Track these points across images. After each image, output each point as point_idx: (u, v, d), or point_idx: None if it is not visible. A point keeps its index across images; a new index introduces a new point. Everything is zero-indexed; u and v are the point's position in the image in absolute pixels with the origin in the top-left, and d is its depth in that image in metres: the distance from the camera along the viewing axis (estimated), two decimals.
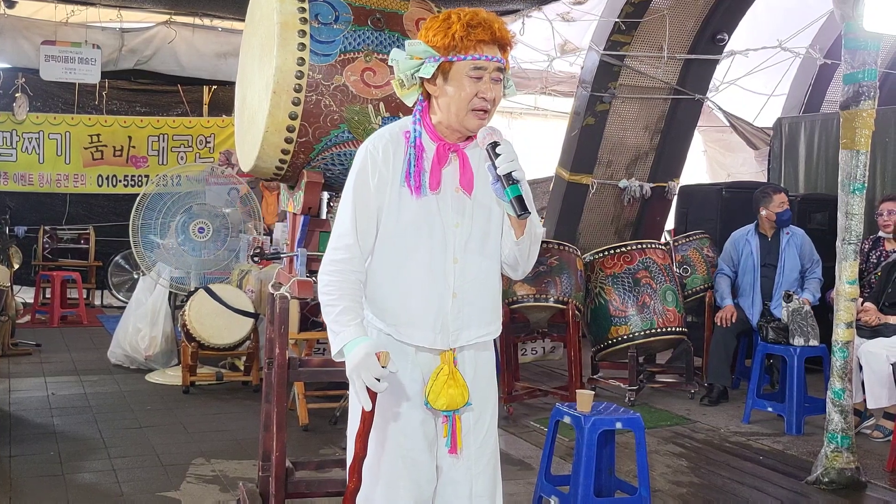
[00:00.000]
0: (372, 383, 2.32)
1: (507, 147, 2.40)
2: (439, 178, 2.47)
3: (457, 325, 2.52)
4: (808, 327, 5.95)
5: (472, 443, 2.59)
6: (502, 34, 2.44)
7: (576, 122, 9.26)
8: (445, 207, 2.49)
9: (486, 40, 2.41)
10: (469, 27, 2.40)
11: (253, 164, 3.51)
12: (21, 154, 11.35)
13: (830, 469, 4.72)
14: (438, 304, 2.50)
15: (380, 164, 2.46)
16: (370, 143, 2.51)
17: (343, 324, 2.42)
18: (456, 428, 2.51)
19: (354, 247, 2.48)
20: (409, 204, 2.47)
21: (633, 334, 6.47)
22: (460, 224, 2.49)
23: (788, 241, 6.64)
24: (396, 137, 2.51)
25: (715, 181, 11.24)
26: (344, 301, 2.45)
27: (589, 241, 9.15)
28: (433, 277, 2.49)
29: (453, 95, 2.44)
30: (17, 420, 5.75)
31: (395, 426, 2.49)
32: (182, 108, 12.21)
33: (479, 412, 2.61)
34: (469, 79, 2.42)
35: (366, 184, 2.47)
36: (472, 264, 2.52)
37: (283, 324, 3.47)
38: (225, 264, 7.32)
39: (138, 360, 7.35)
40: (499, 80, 2.46)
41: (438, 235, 2.48)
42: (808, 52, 9.77)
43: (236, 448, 5.21)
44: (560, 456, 4.90)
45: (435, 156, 2.48)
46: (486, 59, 2.41)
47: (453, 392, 2.48)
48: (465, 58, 2.41)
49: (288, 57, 3.26)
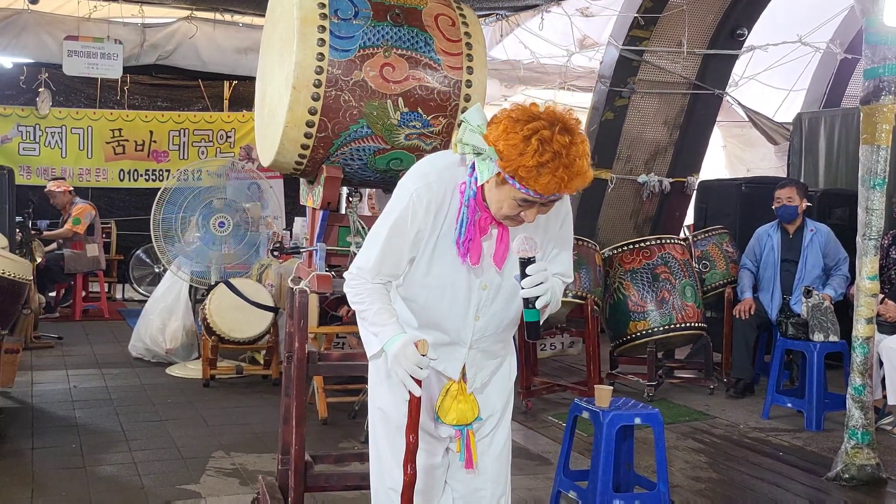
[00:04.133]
0: (413, 370, 2.34)
1: (537, 269, 2.29)
2: (480, 250, 2.39)
3: (472, 372, 2.56)
4: (828, 323, 5.92)
5: (484, 441, 2.63)
6: (577, 185, 2.20)
7: (594, 117, 9.24)
8: (478, 272, 2.44)
9: (549, 193, 2.19)
10: (538, 167, 2.15)
11: (273, 158, 3.53)
12: (44, 148, 11.45)
13: (850, 465, 4.70)
14: (450, 349, 2.53)
15: (420, 218, 2.37)
16: (414, 189, 2.38)
17: (380, 323, 2.44)
18: (470, 443, 2.52)
19: (375, 279, 2.49)
20: (442, 259, 2.43)
21: (651, 330, 6.46)
22: (488, 287, 2.46)
23: (812, 239, 6.59)
24: (444, 185, 2.38)
25: (734, 176, 11.18)
26: (376, 303, 2.47)
27: (608, 236, 9.14)
28: (448, 328, 2.51)
29: (494, 201, 2.31)
30: (39, 412, 5.81)
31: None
32: (203, 103, 12.27)
33: (496, 419, 2.65)
34: (514, 202, 2.26)
35: (403, 232, 2.40)
36: (495, 321, 2.53)
37: (302, 318, 3.49)
38: (245, 259, 7.36)
39: (159, 353, 7.40)
40: (551, 203, 2.30)
41: (463, 293, 2.47)
42: (828, 46, 9.72)
43: (256, 441, 5.24)
44: (578, 451, 4.91)
45: (477, 227, 2.37)
46: (541, 196, 2.22)
47: (463, 407, 2.50)
48: (519, 188, 2.20)
49: (307, 52, 3.27)
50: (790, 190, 6.64)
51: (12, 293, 4.92)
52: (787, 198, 6.60)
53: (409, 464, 2.42)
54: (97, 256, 9.72)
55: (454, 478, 2.65)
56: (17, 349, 5.87)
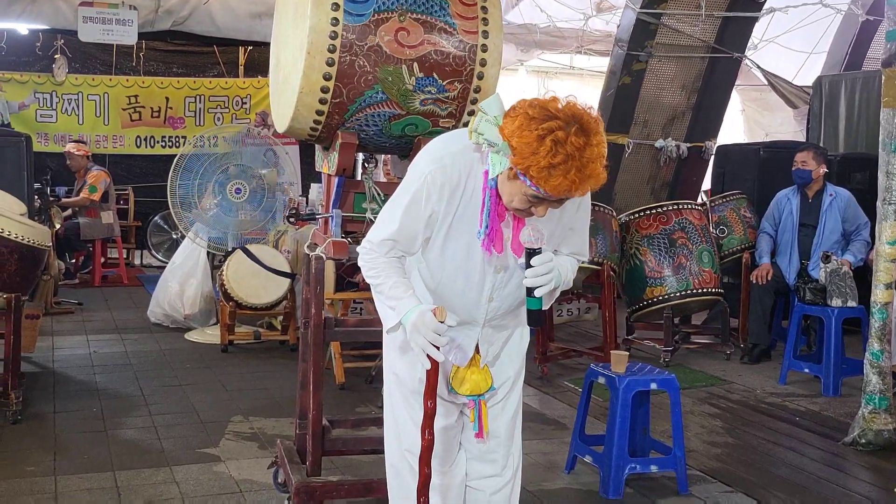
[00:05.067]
0: (432, 338, 2.35)
1: (542, 260, 2.30)
2: (503, 238, 2.38)
3: (484, 348, 2.58)
4: (846, 288, 5.89)
5: (497, 406, 2.68)
6: (586, 189, 2.19)
7: (612, 82, 9.16)
8: (493, 256, 2.43)
9: (559, 195, 2.18)
10: (550, 168, 2.13)
11: (288, 124, 3.52)
12: (61, 115, 11.47)
13: (868, 430, 4.70)
14: (465, 328, 2.54)
15: (434, 200, 2.37)
16: (429, 170, 2.37)
17: (397, 297, 2.45)
18: (482, 413, 2.54)
19: (390, 253, 2.50)
20: (457, 241, 2.43)
21: (668, 295, 6.45)
22: (502, 271, 2.46)
23: (831, 203, 6.55)
24: (458, 167, 2.36)
25: (753, 141, 11.10)
26: (392, 277, 2.48)
27: (624, 201, 9.09)
28: (463, 310, 2.52)
29: (506, 193, 2.30)
30: (60, 377, 5.87)
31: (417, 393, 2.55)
32: (218, 69, 12.25)
33: (509, 384, 2.68)
34: (525, 197, 2.25)
35: (417, 214, 2.40)
36: (508, 302, 2.54)
37: (318, 284, 3.50)
38: (261, 225, 7.38)
39: (177, 319, 7.46)
40: (562, 202, 2.28)
41: (478, 276, 2.47)
42: (849, 8, 9.57)
43: (274, 406, 5.29)
44: (594, 416, 4.92)
45: (495, 213, 2.36)
46: (551, 197, 2.21)
47: (476, 378, 2.52)
48: (530, 186, 2.19)
49: (322, 17, 3.26)
50: (806, 154, 6.60)
51: (32, 259, 4.95)
52: (801, 161, 6.56)
53: (426, 429, 2.44)
54: (111, 223, 9.77)
55: (467, 439, 2.70)
56: (38, 314, 5.93)
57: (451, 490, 2.68)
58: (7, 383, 4.82)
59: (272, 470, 3.90)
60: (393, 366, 2.65)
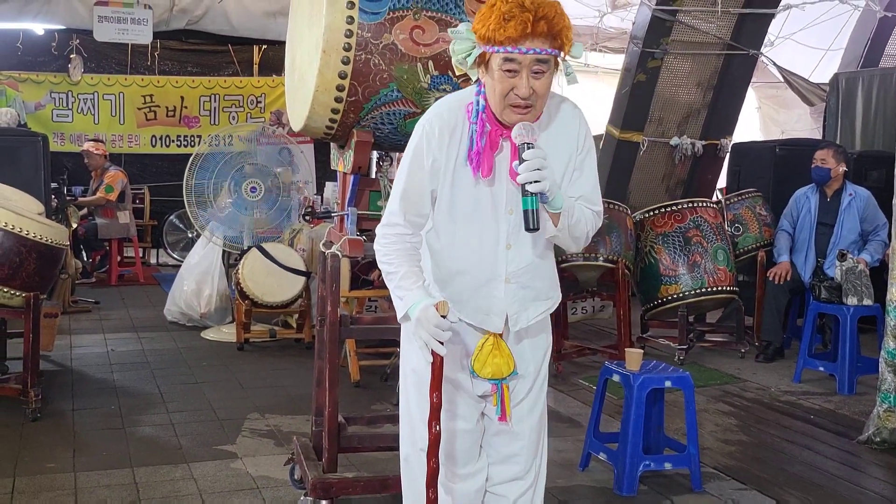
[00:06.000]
0: (434, 332, 2.35)
1: (534, 154, 2.28)
2: (492, 163, 2.41)
3: (515, 309, 2.53)
4: (861, 286, 5.87)
5: (523, 404, 2.65)
6: (543, 27, 2.24)
7: (627, 79, 9.14)
8: (500, 194, 2.45)
9: (517, 35, 2.24)
10: (503, 19, 2.24)
11: (303, 123, 3.54)
12: (77, 115, 11.55)
13: (883, 429, 4.69)
14: (488, 289, 2.51)
15: (434, 146, 2.42)
16: (427, 121, 2.46)
17: (405, 288, 2.45)
18: (504, 396, 2.53)
19: (403, 226, 2.50)
20: (463, 188, 2.45)
21: (683, 293, 6.44)
22: (514, 211, 2.43)
23: (850, 203, 6.51)
24: (455, 115, 2.44)
25: (769, 138, 11.05)
26: (403, 266, 2.48)
27: (639, 199, 9.08)
28: (483, 263, 2.50)
29: (490, 88, 2.36)
30: (78, 375, 5.92)
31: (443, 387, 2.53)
32: (233, 68, 12.30)
33: (532, 382, 2.66)
34: (502, 73, 2.29)
35: (420, 165, 2.45)
36: (527, 249, 2.51)
37: (334, 282, 3.52)
38: (277, 223, 7.41)
39: (194, 317, 7.50)
40: (542, 71, 2.30)
41: (491, 221, 2.47)
42: (867, 4, 9.53)
43: (290, 403, 5.31)
44: (609, 414, 4.93)
45: (487, 142, 2.40)
46: (520, 51, 2.25)
47: (499, 361, 2.50)
48: (499, 50, 2.27)
49: (337, 15, 3.27)
50: (825, 152, 6.57)
51: (49, 258, 4.99)
52: (820, 160, 6.54)
53: (433, 422, 2.44)
54: (128, 223, 9.83)
55: (489, 444, 2.67)
56: (56, 313, 5.97)
57: (468, 496, 2.64)
58: (26, 381, 4.86)
59: (289, 466, 3.93)
60: (411, 361, 2.63)
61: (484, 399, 2.61)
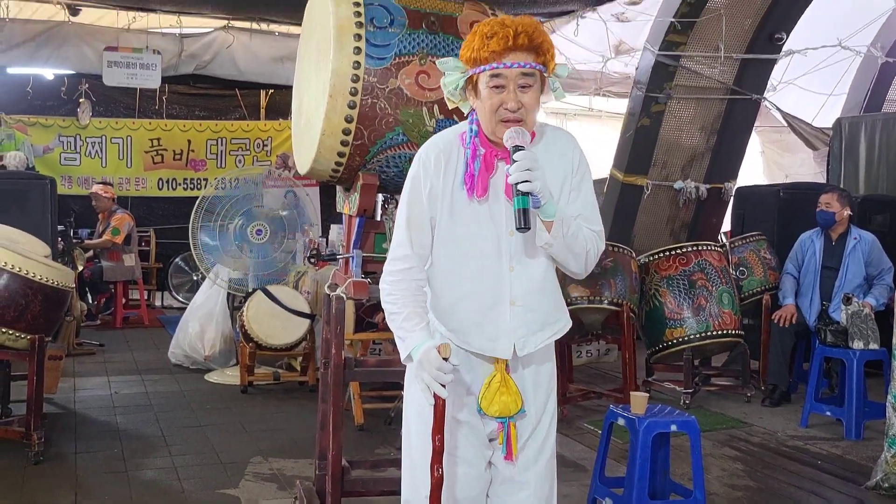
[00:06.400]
0: (436, 375, 2.34)
1: (525, 155, 2.33)
2: (486, 184, 2.46)
3: (522, 332, 2.51)
4: (867, 330, 5.85)
5: (530, 447, 2.59)
6: (524, 40, 2.35)
7: (630, 123, 9.20)
8: (499, 215, 2.48)
9: (500, 50, 2.35)
10: (486, 38, 2.36)
11: (310, 166, 3.57)
12: (85, 158, 11.61)
13: (891, 474, 4.64)
14: (494, 313, 2.50)
15: (431, 173, 2.48)
16: (423, 150, 2.53)
17: (408, 329, 2.46)
18: (511, 435, 2.50)
19: (412, 257, 2.51)
20: (462, 212, 2.48)
21: (688, 337, 6.42)
22: (514, 232, 2.43)
23: (855, 247, 6.51)
24: (450, 143, 2.51)
25: (772, 182, 11.08)
26: (407, 307, 2.49)
27: (644, 242, 9.09)
28: (487, 286, 2.50)
29: (481, 109, 2.44)
30: (82, 418, 5.90)
31: (446, 429, 2.50)
32: (240, 112, 12.39)
33: (539, 418, 2.60)
34: (490, 89, 2.39)
35: (418, 193, 2.49)
36: (531, 270, 2.52)
37: (339, 324, 3.52)
38: (282, 266, 7.42)
39: (198, 360, 7.49)
40: (528, 85, 2.39)
41: (492, 244, 2.49)
42: (868, 50, 9.60)
43: (293, 447, 5.28)
44: (614, 458, 4.89)
45: (482, 164, 2.46)
46: (504, 66, 2.36)
47: (506, 399, 2.48)
48: (485, 68, 2.38)
49: (344, 61, 3.31)
50: (830, 196, 6.59)
51: (55, 300, 5.00)
52: (825, 203, 6.55)
53: (436, 465, 2.41)
54: (133, 266, 9.86)
55: (496, 493, 2.61)
56: (61, 356, 5.98)
57: None
58: (29, 424, 4.85)
59: None
60: (412, 400, 2.60)
61: (491, 445, 2.56)
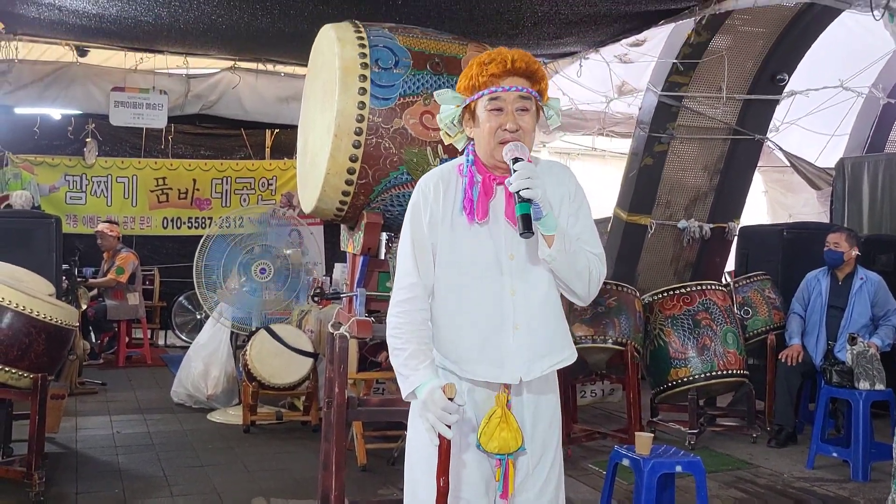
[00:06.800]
0: (441, 416, 2.34)
1: (525, 165, 2.40)
2: (486, 208, 2.50)
3: (526, 357, 2.50)
4: (873, 371, 5.82)
5: (530, 487, 2.55)
6: (521, 65, 2.46)
7: (634, 163, 9.24)
8: (499, 239, 2.50)
9: (499, 73, 2.45)
10: (483, 65, 2.47)
11: (314, 205, 3.58)
12: (90, 197, 11.67)
13: None
14: (497, 339, 2.49)
15: (430, 201, 2.52)
16: (422, 181, 2.57)
17: (412, 367, 2.46)
18: (508, 473, 2.48)
19: (418, 285, 2.52)
20: (462, 238, 2.50)
21: (693, 377, 6.39)
22: (515, 256, 2.49)
23: (861, 287, 6.51)
24: (448, 174, 2.56)
25: (776, 222, 11.08)
26: (412, 344, 2.49)
27: (648, 282, 9.08)
28: (489, 311, 2.50)
29: (479, 133, 2.51)
30: (83, 457, 5.86)
31: (451, 469, 2.48)
32: (245, 152, 12.46)
33: (540, 456, 2.56)
34: (489, 113, 2.47)
35: (419, 221, 2.53)
36: (532, 294, 2.52)
37: (342, 363, 3.52)
38: (285, 304, 7.41)
39: (200, 399, 7.46)
40: (525, 109, 2.48)
41: (493, 268, 2.50)
42: (870, 91, 9.65)
43: (296, 487, 5.24)
44: (619, 499, 4.85)
45: (481, 189, 2.51)
46: (503, 89, 2.45)
47: (506, 435, 2.46)
48: (484, 93, 2.47)
49: (349, 101, 3.34)
50: (838, 236, 6.59)
51: (58, 339, 4.99)
52: (833, 243, 6.55)
53: None
54: (137, 305, 9.86)
55: None
56: (63, 395, 5.95)
57: None
58: (30, 464, 4.82)
59: None
60: (415, 439, 2.58)
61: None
